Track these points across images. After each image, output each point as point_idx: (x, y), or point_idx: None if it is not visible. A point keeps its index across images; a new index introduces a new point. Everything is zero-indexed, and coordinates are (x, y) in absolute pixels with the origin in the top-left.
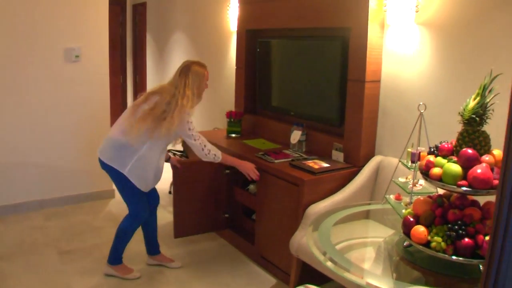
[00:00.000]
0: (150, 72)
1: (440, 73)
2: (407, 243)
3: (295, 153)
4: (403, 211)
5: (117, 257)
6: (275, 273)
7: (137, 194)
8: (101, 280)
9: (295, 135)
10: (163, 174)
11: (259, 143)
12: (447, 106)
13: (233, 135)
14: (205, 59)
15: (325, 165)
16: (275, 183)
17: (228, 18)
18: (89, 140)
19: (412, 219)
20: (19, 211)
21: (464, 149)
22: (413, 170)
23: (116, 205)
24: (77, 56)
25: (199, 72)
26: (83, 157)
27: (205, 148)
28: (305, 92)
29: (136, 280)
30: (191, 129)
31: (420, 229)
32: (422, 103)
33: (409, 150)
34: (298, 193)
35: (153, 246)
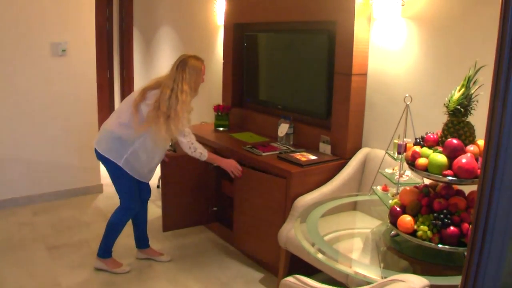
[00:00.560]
0: (137, 67)
1: (425, 66)
2: (394, 232)
3: (283, 146)
4: (390, 201)
5: (107, 250)
6: (263, 265)
7: (130, 187)
8: (90, 275)
9: (283, 128)
10: None
11: (246, 137)
12: (432, 98)
13: (221, 128)
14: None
15: (313, 157)
16: (259, 177)
17: (215, 12)
18: (77, 135)
19: (398, 209)
20: (6, 206)
21: (449, 139)
22: (399, 161)
23: (104, 200)
24: (64, 51)
25: (196, 66)
26: (71, 152)
27: (192, 146)
28: (292, 85)
29: (125, 274)
30: (183, 124)
31: (406, 219)
32: (408, 95)
33: (395, 141)
34: (285, 186)
35: (142, 240)
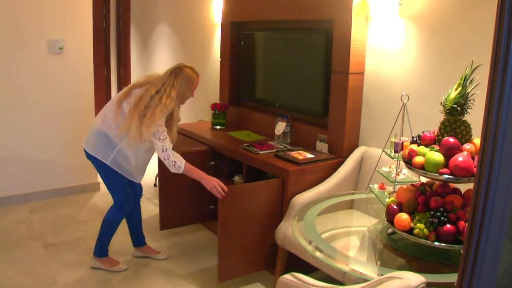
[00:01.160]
0: (134, 65)
1: (422, 65)
2: (390, 230)
3: (280, 144)
4: (387, 200)
5: (103, 249)
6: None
7: (121, 185)
8: (87, 273)
9: (280, 127)
10: (148, 167)
11: (244, 135)
12: (429, 97)
13: (218, 127)
14: (189, 51)
15: (310, 156)
16: (249, 189)
17: (212, 11)
18: (74, 133)
19: (395, 207)
20: (3, 204)
21: (446, 138)
22: (396, 160)
23: (101, 198)
24: (61, 48)
25: (190, 76)
26: (67, 150)
27: (165, 152)
28: (289, 84)
29: (122, 272)
30: (160, 125)
31: (403, 217)
32: (405, 93)
33: (392, 140)
34: (282, 184)
35: (138, 238)
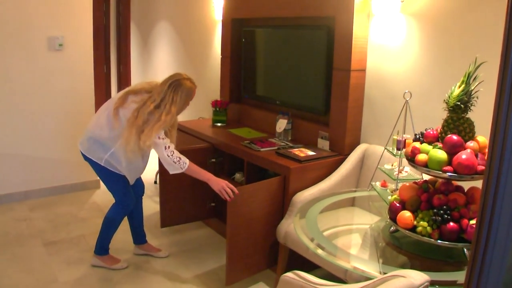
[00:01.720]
0: (134, 62)
1: (425, 61)
2: (393, 228)
3: (281, 141)
4: (389, 197)
5: (103, 247)
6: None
7: (120, 183)
8: (87, 271)
9: (281, 124)
10: (149, 164)
11: (245, 132)
12: (432, 94)
13: (219, 124)
14: (190, 49)
15: (311, 153)
16: (254, 189)
17: (213, 7)
18: (74, 131)
19: (398, 205)
20: (3, 202)
21: (449, 135)
22: (398, 157)
23: (101, 195)
24: (61, 45)
25: (189, 89)
26: (67, 147)
27: (168, 149)
28: (290, 81)
29: (123, 270)
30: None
31: (406, 214)
32: (407, 91)
33: (394, 137)
34: (284, 181)
35: (139, 235)
